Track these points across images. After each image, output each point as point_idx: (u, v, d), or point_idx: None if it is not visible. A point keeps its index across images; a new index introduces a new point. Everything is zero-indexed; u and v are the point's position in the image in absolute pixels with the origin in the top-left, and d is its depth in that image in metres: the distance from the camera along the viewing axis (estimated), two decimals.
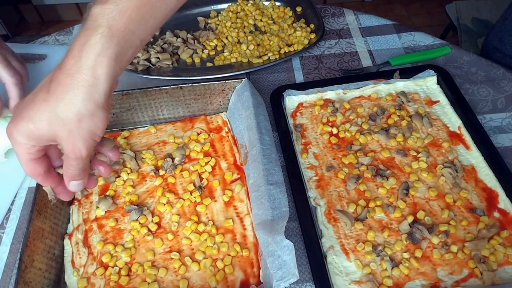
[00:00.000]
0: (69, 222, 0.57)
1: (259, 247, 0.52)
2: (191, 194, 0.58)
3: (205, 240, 0.54)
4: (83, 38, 0.38)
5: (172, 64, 0.77)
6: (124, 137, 0.65)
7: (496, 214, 0.54)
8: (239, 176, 0.60)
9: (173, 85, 0.63)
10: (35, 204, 0.51)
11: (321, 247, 0.52)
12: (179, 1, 0.44)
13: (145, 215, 0.56)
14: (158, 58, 0.77)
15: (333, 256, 0.51)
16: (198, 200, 0.58)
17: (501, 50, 0.84)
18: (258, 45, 0.79)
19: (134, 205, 0.57)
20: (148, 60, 0.77)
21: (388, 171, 0.58)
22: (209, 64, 0.78)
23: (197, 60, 0.79)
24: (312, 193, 0.57)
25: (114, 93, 0.62)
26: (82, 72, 0.38)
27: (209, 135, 0.65)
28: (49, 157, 0.46)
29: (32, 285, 0.47)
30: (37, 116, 0.39)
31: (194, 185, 0.59)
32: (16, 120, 0.41)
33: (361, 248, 0.52)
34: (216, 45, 0.81)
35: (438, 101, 0.67)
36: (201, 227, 0.55)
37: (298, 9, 0.86)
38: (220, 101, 0.67)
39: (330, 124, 0.65)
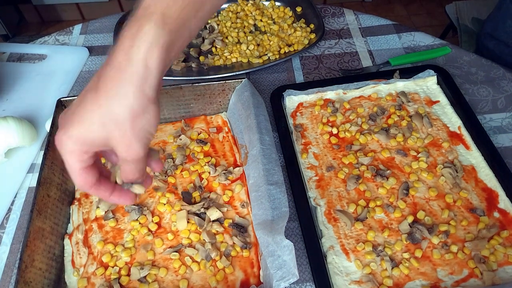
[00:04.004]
0: (69, 222, 0.57)
1: (259, 247, 0.52)
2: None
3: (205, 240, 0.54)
4: (135, 28, 0.36)
5: (172, 64, 0.77)
6: None
7: (496, 214, 0.54)
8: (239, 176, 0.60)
9: (173, 85, 0.63)
10: (35, 204, 0.51)
11: (321, 247, 0.52)
12: None
13: (145, 215, 0.56)
14: None
15: (333, 256, 0.51)
16: (198, 200, 0.58)
17: (495, 37, 0.85)
18: (258, 45, 0.79)
19: (134, 205, 0.57)
20: None
21: (388, 171, 0.58)
22: None
23: None
24: (312, 193, 0.57)
25: None
26: (133, 64, 0.35)
27: (209, 135, 0.65)
28: (98, 166, 0.42)
29: (32, 285, 0.47)
30: (87, 119, 0.36)
31: (194, 185, 0.59)
32: (65, 127, 0.37)
33: (361, 248, 0.52)
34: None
35: (438, 101, 0.67)
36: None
37: (298, 9, 0.86)
38: (220, 101, 0.67)
39: (330, 124, 0.65)
